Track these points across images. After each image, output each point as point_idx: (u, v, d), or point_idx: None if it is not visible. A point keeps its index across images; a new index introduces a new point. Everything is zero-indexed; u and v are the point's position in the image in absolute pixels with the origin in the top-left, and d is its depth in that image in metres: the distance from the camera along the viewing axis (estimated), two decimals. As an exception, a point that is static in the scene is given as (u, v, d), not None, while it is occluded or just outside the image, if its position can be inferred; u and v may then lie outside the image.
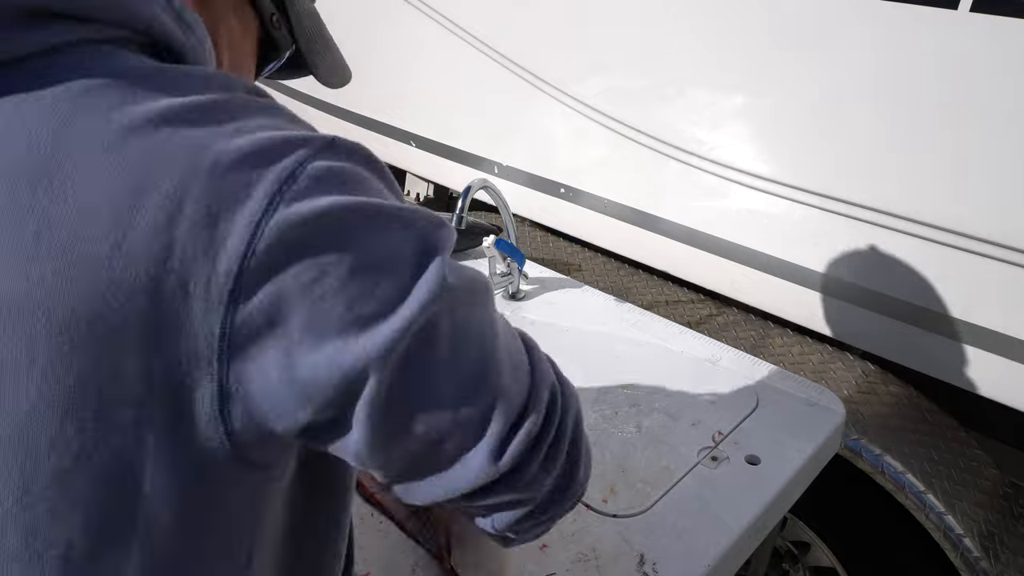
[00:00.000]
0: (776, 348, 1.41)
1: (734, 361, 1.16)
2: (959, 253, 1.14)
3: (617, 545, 0.82)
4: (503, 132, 1.85)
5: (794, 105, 1.28)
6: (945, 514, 1.12)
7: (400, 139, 2.18)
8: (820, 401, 1.07)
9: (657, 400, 1.07)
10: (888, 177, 1.19)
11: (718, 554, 0.80)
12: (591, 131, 1.59)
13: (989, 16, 1.01)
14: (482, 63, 1.77)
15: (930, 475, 1.16)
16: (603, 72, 1.56)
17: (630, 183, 1.58)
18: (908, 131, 1.15)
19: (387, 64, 2.13)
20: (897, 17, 1.10)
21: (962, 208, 1.12)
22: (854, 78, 1.18)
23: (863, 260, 1.26)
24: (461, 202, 1.23)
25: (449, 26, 1.83)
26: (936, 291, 1.19)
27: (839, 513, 1.35)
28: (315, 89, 2.53)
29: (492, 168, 1.89)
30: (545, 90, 1.66)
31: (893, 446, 1.18)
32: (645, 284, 1.64)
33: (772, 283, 1.39)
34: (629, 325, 1.26)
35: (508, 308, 1.33)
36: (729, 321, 1.51)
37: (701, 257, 1.48)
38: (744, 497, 0.89)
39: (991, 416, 1.30)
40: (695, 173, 1.44)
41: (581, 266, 1.71)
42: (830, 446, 1.02)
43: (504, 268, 1.34)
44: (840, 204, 1.25)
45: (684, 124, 1.43)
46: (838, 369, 1.35)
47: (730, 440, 0.98)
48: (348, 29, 2.35)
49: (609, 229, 1.66)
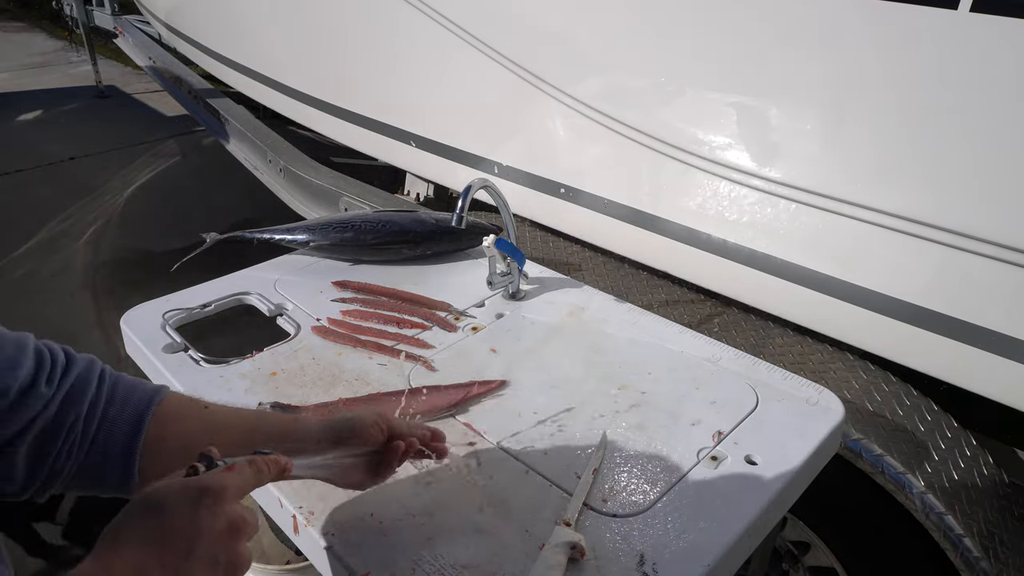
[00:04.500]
0: (776, 348, 1.41)
1: (734, 361, 1.16)
2: (954, 251, 1.14)
3: (617, 545, 0.82)
4: (503, 132, 1.85)
5: (794, 105, 1.28)
6: (945, 514, 1.12)
7: (400, 139, 2.18)
8: (820, 401, 1.07)
9: (657, 400, 1.07)
10: (888, 177, 1.19)
11: (718, 554, 0.80)
12: (591, 131, 1.59)
13: (989, 16, 1.02)
14: (482, 63, 1.77)
15: (930, 475, 1.16)
16: (603, 72, 1.56)
17: (630, 183, 1.58)
18: (908, 131, 1.15)
19: (387, 64, 2.13)
20: (897, 17, 1.10)
21: (960, 207, 1.12)
22: (854, 78, 1.18)
23: (863, 260, 1.26)
24: (461, 202, 1.23)
25: (449, 26, 1.83)
26: (936, 291, 1.19)
27: (839, 513, 1.35)
28: (315, 89, 2.53)
29: (492, 168, 1.88)
30: (545, 90, 1.66)
31: (893, 446, 1.18)
32: (645, 284, 1.64)
33: (772, 283, 1.39)
34: (629, 325, 1.26)
35: (508, 308, 1.33)
36: (729, 321, 1.51)
37: (701, 257, 1.48)
38: (744, 497, 0.89)
39: (991, 415, 1.30)
40: (695, 173, 1.44)
41: (581, 266, 1.71)
42: (830, 446, 1.02)
43: (504, 268, 1.34)
44: (841, 204, 1.25)
45: (684, 124, 1.43)
46: (838, 369, 1.35)
47: (730, 440, 0.98)
48: (348, 29, 2.36)
49: (609, 229, 1.66)
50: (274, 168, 2.79)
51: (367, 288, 1.38)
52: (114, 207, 4.23)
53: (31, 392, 0.65)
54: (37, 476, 0.67)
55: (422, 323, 1.27)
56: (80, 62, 7.10)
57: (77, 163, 4.89)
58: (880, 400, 1.27)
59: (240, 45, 3.07)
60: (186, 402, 0.77)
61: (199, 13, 3.52)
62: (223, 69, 3.28)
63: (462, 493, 0.89)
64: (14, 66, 7.29)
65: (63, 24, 6.86)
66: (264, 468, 0.65)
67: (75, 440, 0.68)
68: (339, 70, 2.42)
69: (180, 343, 1.20)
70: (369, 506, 0.87)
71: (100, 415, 0.69)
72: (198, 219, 3.91)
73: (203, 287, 1.37)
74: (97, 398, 0.69)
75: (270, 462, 0.66)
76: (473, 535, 0.83)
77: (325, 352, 1.19)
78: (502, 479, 0.92)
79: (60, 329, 3.10)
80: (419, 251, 1.50)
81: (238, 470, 0.62)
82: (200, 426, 0.75)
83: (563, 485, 0.90)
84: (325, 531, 0.83)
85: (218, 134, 3.38)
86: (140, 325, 1.25)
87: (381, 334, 1.23)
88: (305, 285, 1.40)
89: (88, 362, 0.71)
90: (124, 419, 0.70)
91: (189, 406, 0.77)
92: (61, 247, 3.77)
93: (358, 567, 0.79)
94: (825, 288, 1.31)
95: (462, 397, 1.05)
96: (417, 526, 0.84)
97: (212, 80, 3.66)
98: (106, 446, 0.69)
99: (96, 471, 0.70)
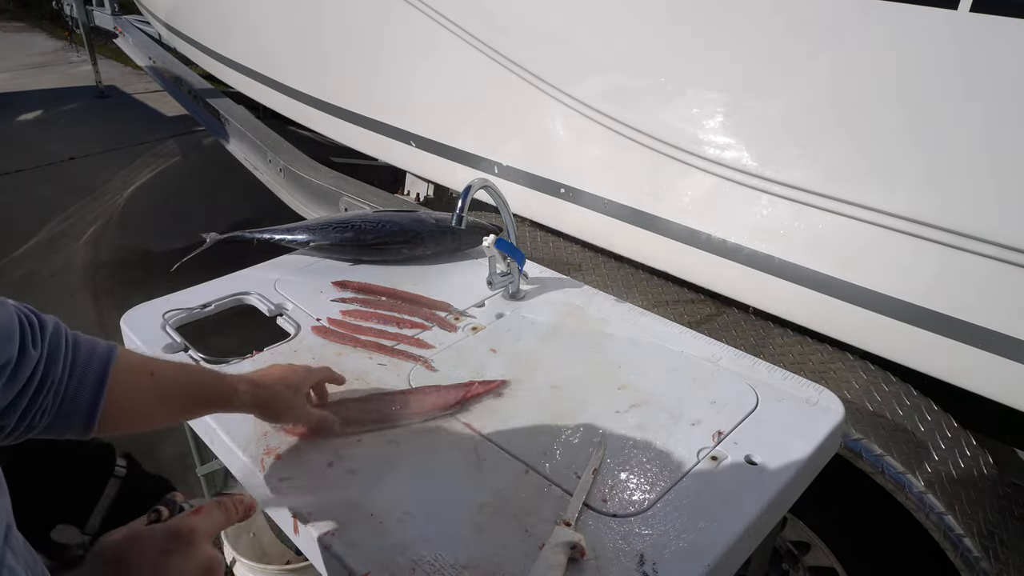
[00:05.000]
0: (776, 348, 1.41)
1: (734, 361, 1.16)
2: (954, 252, 1.14)
3: (617, 545, 0.82)
4: (503, 132, 1.85)
5: (793, 105, 1.27)
6: (945, 514, 1.12)
7: (400, 139, 2.18)
8: (820, 401, 1.07)
9: (657, 400, 1.07)
10: (888, 177, 1.19)
11: (718, 554, 0.80)
12: (591, 131, 1.59)
13: (989, 16, 1.01)
14: (482, 63, 1.77)
15: (930, 475, 1.16)
16: (603, 72, 1.56)
17: (630, 183, 1.58)
18: (908, 131, 1.15)
19: (388, 65, 2.13)
20: (897, 17, 1.10)
21: (960, 207, 1.12)
22: (854, 78, 1.18)
23: (863, 260, 1.26)
24: (461, 202, 1.23)
25: (449, 26, 1.83)
26: (936, 291, 1.19)
27: (839, 513, 1.35)
28: (316, 89, 2.52)
29: (492, 168, 1.88)
30: (545, 90, 1.66)
31: (893, 446, 1.18)
32: (645, 284, 1.64)
33: (772, 284, 1.39)
34: (629, 325, 1.26)
35: (508, 308, 1.33)
36: (729, 321, 1.51)
37: (701, 257, 1.48)
38: (744, 497, 0.89)
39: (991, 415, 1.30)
40: (695, 173, 1.44)
41: (581, 266, 1.71)
42: (830, 446, 1.02)
43: (504, 268, 1.34)
44: (841, 204, 1.25)
45: (684, 124, 1.43)
46: (838, 369, 1.35)
47: (730, 440, 0.98)
48: (348, 29, 2.36)
49: (609, 229, 1.66)
50: (274, 168, 2.79)
51: (367, 288, 1.38)
52: (114, 207, 4.23)
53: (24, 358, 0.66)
54: (15, 432, 0.68)
55: (422, 323, 1.27)
56: (80, 62, 7.10)
57: (77, 163, 4.89)
58: (880, 400, 1.27)
59: (240, 45, 3.07)
60: (136, 365, 0.79)
61: (199, 13, 3.52)
62: (223, 69, 3.28)
63: (462, 493, 0.89)
64: (14, 66, 7.29)
65: (63, 24, 6.86)
66: (232, 508, 0.68)
67: (51, 398, 0.69)
68: (339, 70, 2.42)
69: (180, 343, 1.20)
70: (369, 506, 0.87)
71: (70, 374, 0.71)
72: (198, 219, 3.91)
73: (203, 287, 1.37)
74: (67, 357, 0.71)
75: (236, 502, 0.69)
76: (473, 535, 0.83)
77: (325, 352, 1.19)
78: (502, 479, 0.92)
79: (60, 329, 3.09)
80: (419, 251, 1.50)
81: (206, 512, 0.64)
82: (150, 394, 0.79)
83: (563, 485, 0.90)
84: (325, 531, 0.83)
85: (218, 134, 3.38)
86: (140, 325, 1.25)
87: (381, 334, 1.23)
88: (305, 285, 1.40)
89: (54, 323, 0.72)
90: (89, 378, 0.72)
91: (139, 370, 0.79)
92: (61, 247, 3.77)
93: (358, 567, 0.79)
94: (825, 288, 1.31)
95: (463, 396, 1.05)
96: (417, 526, 0.84)
97: (212, 80, 3.66)
98: (74, 403, 0.71)
99: (63, 425, 0.71)
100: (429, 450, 0.97)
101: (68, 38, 7.32)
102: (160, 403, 0.80)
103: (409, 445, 0.98)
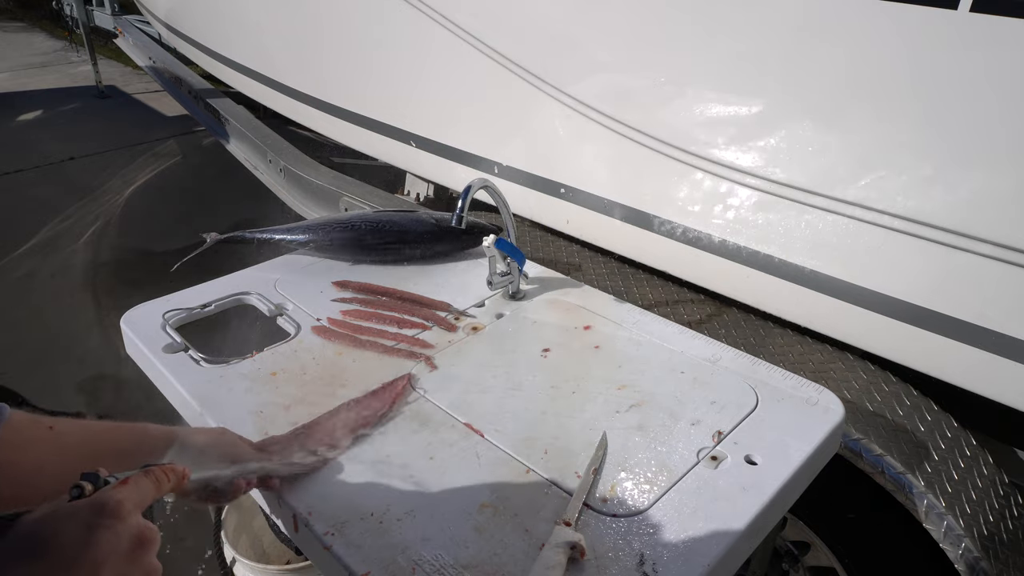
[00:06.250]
0: (776, 348, 1.41)
1: (734, 361, 1.16)
2: (955, 252, 1.14)
3: (617, 545, 0.82)
4: (503, 132, 1.85)
5: (793, 105, 1.28)
6: (945, 514, 1.12)
7: (400, 139, 2.18)
8: (820, 401, 1.07)
9: (657, 400, 1.07)
10: (888, 177, 1.19)
11: (718, 554, 0.80)
12: (591, 131, 1.59)
13: (989, 16, 1.01)
14: (482, 63, 1.77)
15: (930, 475, 1.16)
16: (603, 72, 1.56)
17: (630, 183, 1.58)
18: (908, 131, 1.15)
19: (388, 65, 2.13)
20: (897, 17, 1.10)
21: (961, 207, 1.12)
22: (854, 78, 1.18)
23: (864, 260, 1.26)
24: (461, 202, 1.23)
25: (449, 26, 1.83)
26: (937, 291, 1.19)
27: (839, 513, 1.35)
28: (316, 89, 2.53)
29: (492, 168, 1.88)
30: (545, 90, 1.66)
31: (893, 446, 1.18)
32: (645, 284, 1.64)
33: (772, 284, 1.39)
34: (629, 325, 1.27)
35: (508, 308, 1.33)
36: (729, 321, 1.51)
37: (701, 257, 1.48)
38: (744, 497, 0.88)
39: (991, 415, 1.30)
40: (695, 173, 1.44)
41: (581, 266, 1.71)
42: (830, 446, 1.02)
43: (504, 268, 1.34)
44: (841, 204, 1.25)
45: (684, 124, 1.43)
46: (838, 369, 1.35)
47: (730, 440, 0.98)
48: (349, 30, 2.36)
49: (609, 229, 1.66)
50: (274, 168, 2.79)
51: (367, 288, 1.38)
52: (114, 207, 4.23)
53: None
54: None
55: (422, 323, 1.27)
56: (80, 62, 7.11)
57: (77, 163, 4.89)
58: (880, 400, 1.27)
59: (240, 45, 3.07)
60: (29, 423, 0.73)
61: (199, 13, 3.52)
62: (223, 69, 3.28)
63: (462, 493, 0.89)
64: (14, 66, 7.29)
65: (63, 24, 6.86)
66: (163, 477, 0.64)
67: None
68: (339, 70, 2.42)
69: (180, 343, 1.20)
70: (369, 506, 0.87)
71: None
72: (198, 219, 3.91)
73: (203, 287, 1.37)
74: None
75: (168, 471, 0.65)
76: (473, 535, 0.83)
77: (325, 352, 1.19)
78: (502, 479, 0.91)
79: (60, 329, 3.10)
80: (419, 251, 1.50)
81: (133, 483, 0.60)
82: (50, 448, 0.73)
83: (563, 485, 0.90)
84: (325, 531, 0.83)
85: (218, 134, 3.38)
86: (140, 325, 1.25)
87: (381, 334, 1.23)
88: (305, 285, 1.40)
89: None
90: None
91: (34, 427, 0.73)
92: (61, 247, 3.77)
93: (358, 567, 0.79)
94: (825, 288, 1.32)
95: (384, 404, 1.03)
96: (417, 526, 0.84)
97: (212, 80, 3.66)
98: None
99: None
100: (429, 450, 0.97)
101: (68, 38, 7.32)
102: (65, 456, 0.73)
103: (409, 445, 0.98)
